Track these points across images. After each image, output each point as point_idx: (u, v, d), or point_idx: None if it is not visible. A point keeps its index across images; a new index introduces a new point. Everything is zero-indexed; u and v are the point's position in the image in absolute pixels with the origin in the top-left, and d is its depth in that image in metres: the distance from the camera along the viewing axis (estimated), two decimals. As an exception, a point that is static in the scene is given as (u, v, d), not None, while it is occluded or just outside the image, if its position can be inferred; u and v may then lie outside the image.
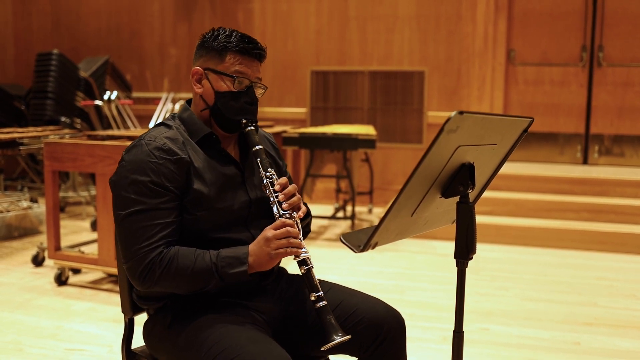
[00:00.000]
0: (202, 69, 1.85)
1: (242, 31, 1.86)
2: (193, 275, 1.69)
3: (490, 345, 3.28)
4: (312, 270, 1.71)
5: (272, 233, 1.70)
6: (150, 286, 1.70)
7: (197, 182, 1.76)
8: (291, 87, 7.29)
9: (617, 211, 5.50)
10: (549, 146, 6.82)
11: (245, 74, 1.83)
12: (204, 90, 1.85)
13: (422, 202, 1.43)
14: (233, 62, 1.82)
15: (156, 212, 1.70)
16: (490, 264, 4.82)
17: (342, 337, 1.62)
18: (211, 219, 1.77)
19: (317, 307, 1.68)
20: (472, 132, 1.37)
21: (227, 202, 1.80)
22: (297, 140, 5.44)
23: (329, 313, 1.67)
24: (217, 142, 1.84)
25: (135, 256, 1.68)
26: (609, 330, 3.51)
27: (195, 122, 1.85)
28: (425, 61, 6.87)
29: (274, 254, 1.69)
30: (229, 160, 1.86)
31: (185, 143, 1.80)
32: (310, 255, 1.73)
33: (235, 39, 1.82)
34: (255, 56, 1.84)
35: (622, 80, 6.58)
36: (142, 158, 1.72)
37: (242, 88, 1.84)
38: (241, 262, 1.70)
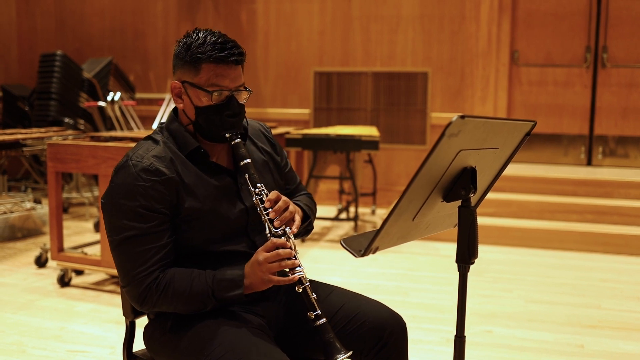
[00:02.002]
0: (180, 83, 1.78)
1: (245, 32, 1.84)
2: (190, 298, 1.70)
3: (493, 348, 3.26)
4: (308, 289, 1.70)
5: (264, 256, 1.68)
6: (150, 309, 1.73)
7: (189, 199, 1.74)
8: (294, 88, 7.28)
9: (620, 213, 5.48)
10: (552, 147, 6.80)
11: (222, 86, 1.74)
12: (185, 105, 1.79)
13: (424, 206, 1.43)
14: (209, 75, 1.73)
15: (148, 236, 1.69)
16: (493, 265, 4.80)
17: (344, 355, 1.63)
18: (208, 233, 1.76)
19: (316, 325, 1.67)
20: (473, 136, 1.37)
21: (222, 214, 1.78)
22: (300, 142, 5.44)
23: (328, 331, 1.67)
24: (206, 156, 1.80)
25: (133, 281, 1.69)
26: (613, 333, 3.49)
27: (184, 135, 1.80)
28: (428, 62, 6.85)
29: (266, 279, 1.68)
30: (221, 170, 1.83)
31: (174, 159, 1.75)
32: (306, 274, 1.72)
33: (208, 48, 1.71)
34: (232, 63, 1.75)
35: (626, 81, 6.56)
36: (130, 182, 1.69)
37: (222, 99, 1.76)
38: (237, 286, 1.70)
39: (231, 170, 1.85)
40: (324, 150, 5.49)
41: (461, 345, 1.51)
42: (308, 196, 2.09)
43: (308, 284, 1.71)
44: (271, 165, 1.98)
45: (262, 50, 7.32)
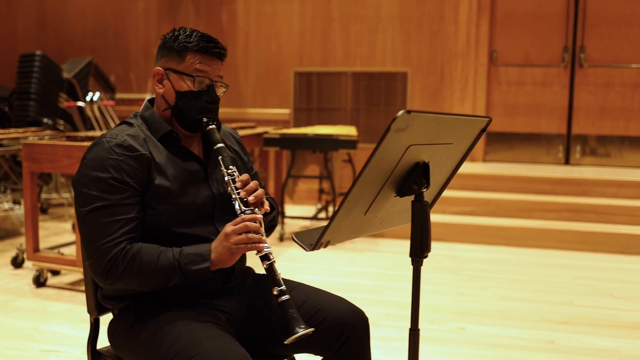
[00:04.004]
0: (163, 69, 1.86)
1: (226, 32, 1.89)
2: (156, 271, 1.69)
3: (465, 344, 3.29)
4: (274, 265, 1.72)
5: (231, 228, 1.70)
6: (113, 282, 1.71)
7: (159, 177, 1.78)
8: (275, 88, 7.29)
9: (597, 211, 5.54)
10: (531, 146, 6.86)
11: (205, 73, 1.84)
12: (165, 90, 1.87)
13: (376, 201, 1.44)
14: (193, 61, 1.83)
15: (118, 208, 1.71)
16: (471, 264, 4.84)
17: (305, 329, 1.61)
18: (174, 213, 1.79)
19: (280, 301, 1.68)
20: (423, 131, 1.38)
21: (190, 197, 1.82)
22: (278, 141, 5.45)
23: (291, 307, 1.68)
24: (177, 140, 1.86)
25: (98, 252, 1.69)
26: (585, 329, 3.53)
27: (156, 120, 1.87)
28: (408, 62, 6.89)
29: (234, 249, 1.69)
30: (191, 156, 1.88)
31: (147, 140, 1.82)
32: (272, 250, 1.74)
33: (195, 39, 1.83)
34: (216, 55, 1.86)
35: (603, 81, 6.63)
36: (102, 155, 1.74)
37: (202, 87, 1.86)
38: (204, 259, 1.71)
39: (201, 159, 1.90)
40: (302, 149, 5.50)
41: (415, 338, 1.53)
42: (273, 200, 2.13)
43: (274, 260, 1.72)
44: (239, 163, 2.03)
45: (243, 50, 7.33)
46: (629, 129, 6.64)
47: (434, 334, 3.42)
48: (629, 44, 6.55)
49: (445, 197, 5.73)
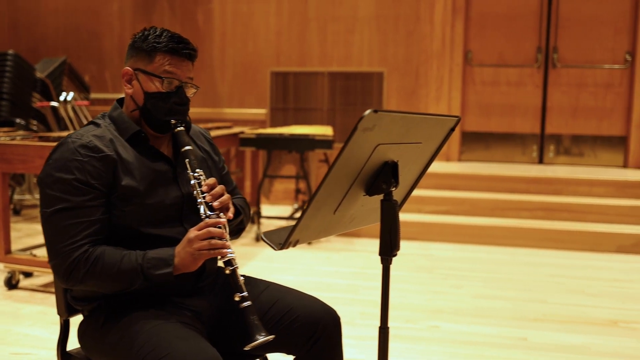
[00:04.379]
0: (132, 70, 1.85)
1: (202, 32, 1.88)
2: (118, 275, 1.69)
3: (438, 342, 3.32)
4: (236, 271, 1.72)
5: (195, 234, 1.70)
6: (75, 284, 1.71)
7: (126, 178, 1.76)
8: (251, 88, 7.28)
9: (570, 209, 5.61)
10: (505, 146, 6.93)
11: (174, 75, 1.83)
12: (134, 91, 1.86)
13: (345, 200, 1.45)
14: (162, 62, 1.82)
15: (81, 210, 1.70)
16: (445, 262, 4.87)
17: (265, 337, 1.63)
18: (142, 214, 1.78)
19: (241, 307, 1.69)
20: (391, 130, 1.40)
21: (158, 198, 1.81)
22: (254, 141, 5.44)
23: (252, 313, 1.69)
24: (146, 140, 1.85)
25: (60, 254, 1.69)
26: (556, 326, 3.58)
27: (124, 120, 1.86)
28: (384, 62, 6.92)
29: (197, 255, 1.70)
30: (160, 156, 1.87)
31: (114, 140, 1.80)
32: (236, 256, 1.74)
33: (164, 39, 1.82)
34: (185, 56, 1.85)
35: (576, 81, 6.71)
36: (67, 156, 1.72)
37: (171, 89, 1.84)
38: (166, 264, 1.71)
39: (170, 159, 1.89)
40: (278, 149, 5.50)
41: (385, 337, 1.54)
42: (243, 200, 2.13)
43: (237, 266, 1.73)
44: (209, 163, 2.03)
45: (219, 50, 7.31)
46: (601, 129, 6.73)
47: (408, 332, 3.45)
48: (601, 44, 6.65)
49: (420, 196, 5.78)
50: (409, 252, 5.12)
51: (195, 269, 1.74)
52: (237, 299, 1.69)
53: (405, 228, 5.51)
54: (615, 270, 4.74)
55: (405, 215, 5.65)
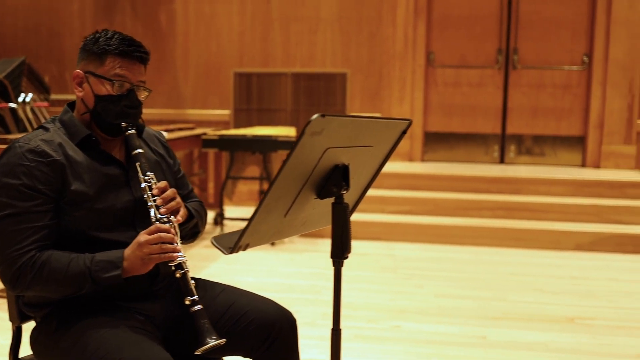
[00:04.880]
0: (83, 72, 1.84)
1: (164, 32, 1.87)
2: (66, 279, 1.67)
3: (400, 342, 3.34)
4: (187, 275, 1.72)
5: (145, 238, 1.69)
6: (23, 290, 1.69)
7: (76, 183, 1.75)
8: (214, 89, 7.24)
9: (530, 208, 5.70)
10: (468, 146, 7.01)
11: (125, 78, 1.82)
12: (85, 94, 1.84)
13: (295, 203, 1.45)
14: (113, 65, 1.81)
15: (28, 215, 1.68)
16: (408, 262, 4.91)
17: (216, 341, 1.63)
18: (93, 219, 1.76)
19: (192, 311, 1.68)
20: (341, 134, 1.40)
21: (108, 202, 1.79)
22: (216, 142, 5.41)
23: (203, 317, 1.69)
24: (96, 144, 1.83)
25: (6, 260, 1.67)
26: (515, 324, 3.63)
27: (75, 124, 1.84)
28: (347, 63, 6.94)
29: (146, 259, 1.69)
30: (111, 160, 1.86)
31: (63, 145, 1.78)
32: (187, 259, 1.73)
33: (115, 42, 1.81)
34: (137, 59, 1.84)
35: (535, 82, 6.82)
36: (14, 161, 1.70)
37: (122, 91, 1.83)
38: (115, 267, 1.69)
39: (122, 163, 1.88)
40: (241, 151, 5.49)
41: (337, 338, 1.55)
42: (199, 203, 2.12)
43: (188, 269, 1.72)
44: (163, 167, 2.02)
45: (182, 50, 7.26)
46: (560, 129, 6.86)
47: (370, 332, 3.47)
48: (560, 46, 6.77)
49: (383, 196, 5.82)
50: (373, 252, 5.15)
51: (145, 272, 1.73)
52: (188, 302, 1.69)
53: (369, 228, 5.54)
54: (574, 268, 4.83)
55: (369, 216, 5.69)
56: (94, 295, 1.73)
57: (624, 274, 4.70)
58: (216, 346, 1.62)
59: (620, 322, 3.71)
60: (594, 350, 3.28)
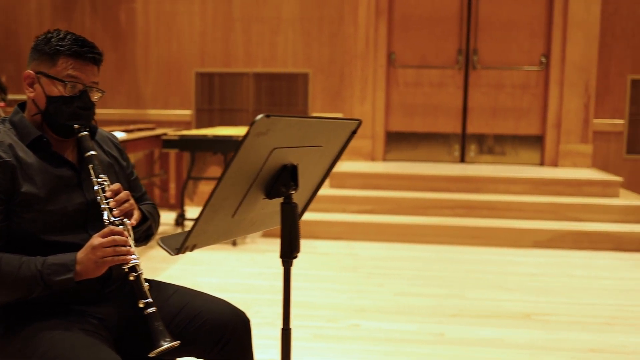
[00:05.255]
0: (34, 73, 1.81)
1: (124, 32, 1.86)
2: (16, 282, 1.65)
3: (359, 341, 3.36)
4: (141, 277, 1.71)
5: (99, 241, 1.68)
6: None
7: (26, 185, 1.72)
8: (176, 89, 7.19)
9: (489, 207, 5.78)
10: (429, 146, 7.08)
11: (78, 79, 1.81)
12: (36, 95, 1.82)
13: (243, 204, 1.46)
14: (65, 66, 1.79)
15: None
16: (369, 261, 4.94)
17: (170, 343, 1.63)
18: (44, 221, 1.74)
19: (145, 313, 1.68)
20: (288, 134, 1.41)
21: (60, 204, 1.78)
22: (177, 143, 5.38)
23: (157, 319, 1.68)
24: (48, 145, 1.81)
25: None
26: (473, 321, 3.68)
27: (25, 125, 1.81)
28: (309, 63, 6.96)
29: (100, 262, 1.67)
30: (63, 162, 1.84)
31: (14, 146, 1.76)
32: (140, 262, 1.73)
33: (67, 43, 1.79)
34: (90, 60, 1.82)
35: (495, 82, 6.92)
36: None
37: (75, 93, 1.81)
38: (67, 270, 1.67)
39: (74, 165, 1.86)
40: (202, 151, 5.46)
41: (287, 338, 1.56)
42: (152, 206, 2.11)
43: (142, 272, 1.72)
44: (116, 169, 2.00)
45: (142, 50, 7.19)
46: (519, 128, 6.96)
47: (329, 331, 3.48)
48: (518, 47, 6.87)
49: (345, 196, 5.84)
50: (334, 252, 5.17)
51: (99, 275, 1.71)
52: (142, 305, 1.68)
53: (331, 228, 5.56)
54: (532, 265, 4.91)
55: (331, 215, 5.71)
56: (46, 299, 1.71)
57: (580, 270, 4.79)
58: (170, 348, 1.62)
59: (575, 317, 3.79)
60: (549, 345, 3.35)
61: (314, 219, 5.62)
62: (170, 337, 1.65)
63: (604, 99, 6.94)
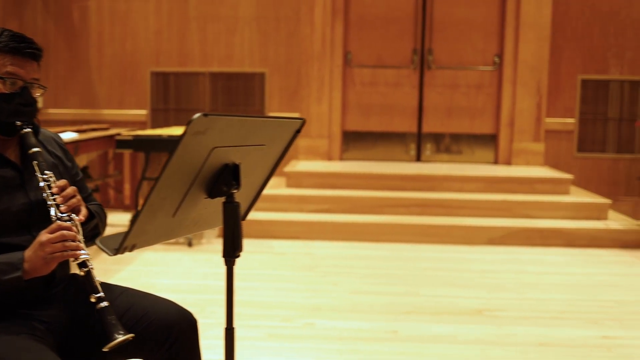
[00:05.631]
0: None
1: (77, 30, 1.83)
2: None
3: (313, 340, 3.37)
4: (92, 272, 1.69)
5: (47, 237, 1.65)
6: None
7: None
8: (131, 89, 7.11)
9: (444, 205, 5.85)
10: (385, 145, 7.13)
11: (17, 75, 1.78)
12: None
13: (184, 203, 1.45)
14: (4, 62, 1.77)
15: None
16: (325, 260, 4.96)
17: (124, 335, 1.61)
18: None
19: (98, 308, 1.66)
20: (228, 133, 1.41)
21: (3, 205, 1.75)
22: (131, 143, 5.31)
23: (110, 313, 1.66)
24: None
25: None
26: (426, 318, 3.73)
27: None
28: (265, 62, 6.95)
29: (49, 258, 1.65)
30: (5, 162, 1.81)
31: None
32: (90, 257, 1.71)
33: (5, 39, 1.77)
34: (29, 56, 1.80)
35: (449, 82, 7.01)
36: None
37: (15, 89, 1.79)
38: (15, 268, 1.65)
39: (17, 165, 1.83)
40: (157, 151, 5.40)
41: (231, 337, 1.56)
42: (99, 206, 2.09)
43: (92, 267, 1.69)
44: (61, 169, 1.98)
45: (96, 49, 7.08)
46: (474, 127, 7.07)
47: (284, 331, 3.48)
48: (472, 47, 6.98)
49: (302, 195, 5.85)
50: (291, 251, 5.17)
51: (48, 273, 1.69)
52: (94, 300, 1.66)
53: (288, 227, 5.57)
54: (485, 262, 4.99)
55: (288, 215, 5.71)
56: None
57: (531, 266, 4.89)
58: (125, 341, 1.60)
59: (525, 312, 3.86)
60: (499, 340, 3.41)
61: (271, 219, 5.62)
62: (124, 330, 1.63)
63: (556, 99, 7.09)
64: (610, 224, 5.67)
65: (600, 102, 7.14)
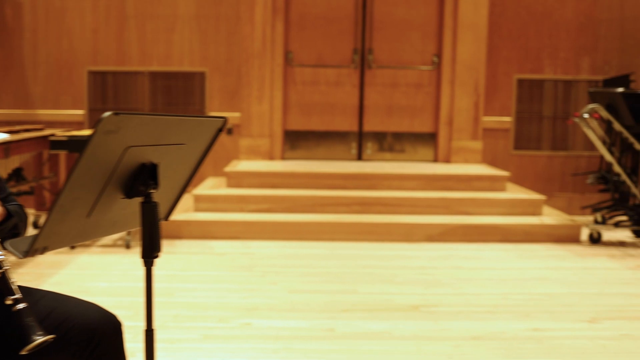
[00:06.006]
0: None
1: (10, 28, 1.76)
2: None
3: (249, 340, 3.37)
4: (7, 273, 1.64)
5: None
6: None
7: None
8: (67, 88, 6.94)
9: (384, 203, 5.91)
10: (327, 144, 7.16)
11: None
12: None
13: (100, 204, 1.43)
14: None
15: None
16: (264, 260, 4.95)
17: (43, 336, 1.57)
18: None
19: (15, 310, 1.61)
20: (143, 132, 1.39)
21: None
22: (66, 144, 5.18)
23: (27, 315, 1.62)
24: None
25: None
26: (364, 315, 3.76)
27: None
28: (205, 62, 6.89)
29: None
30: None
31: None
32: (5, 258, 1.66)
33: None
34: None
35: (389, 82, 7.08)
36: None
37: None
38: None
39: None
40: (92, 152, 5.29)
41: (150, 339, 1.54)
42: (19, 206, 2.03)
43: (8, 267, 1.65)
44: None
45: (30, 47, 6.89)
46: (414, 126, 7.16)
47: (220, 332, 3.46)
48: (411, 47, 7.06)
49: (243, 195, 5.83)
50: (230, 252, 5.14)
51: None
52: (10, 302, 1.61)
53: (228, 228, 5.53)
54: (423, 258, 5.07)
55: (228, 215, 5.68)
56: None
57: (468, 262, 4.99)
58: (44, 343, 1.55)
59: (461, 307, 3.94)
60: (434, 335, 3.47)
61: (211, 219, 5.58)
62: (43, 332, 1.59)
63: (493, 98, 7.24)
64: (544, 219, 5.83)
65: (535, 101, 7.32)
